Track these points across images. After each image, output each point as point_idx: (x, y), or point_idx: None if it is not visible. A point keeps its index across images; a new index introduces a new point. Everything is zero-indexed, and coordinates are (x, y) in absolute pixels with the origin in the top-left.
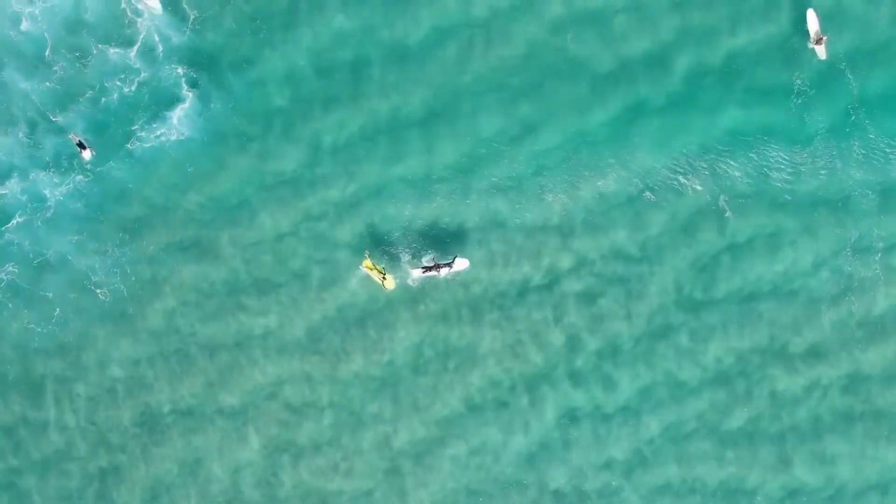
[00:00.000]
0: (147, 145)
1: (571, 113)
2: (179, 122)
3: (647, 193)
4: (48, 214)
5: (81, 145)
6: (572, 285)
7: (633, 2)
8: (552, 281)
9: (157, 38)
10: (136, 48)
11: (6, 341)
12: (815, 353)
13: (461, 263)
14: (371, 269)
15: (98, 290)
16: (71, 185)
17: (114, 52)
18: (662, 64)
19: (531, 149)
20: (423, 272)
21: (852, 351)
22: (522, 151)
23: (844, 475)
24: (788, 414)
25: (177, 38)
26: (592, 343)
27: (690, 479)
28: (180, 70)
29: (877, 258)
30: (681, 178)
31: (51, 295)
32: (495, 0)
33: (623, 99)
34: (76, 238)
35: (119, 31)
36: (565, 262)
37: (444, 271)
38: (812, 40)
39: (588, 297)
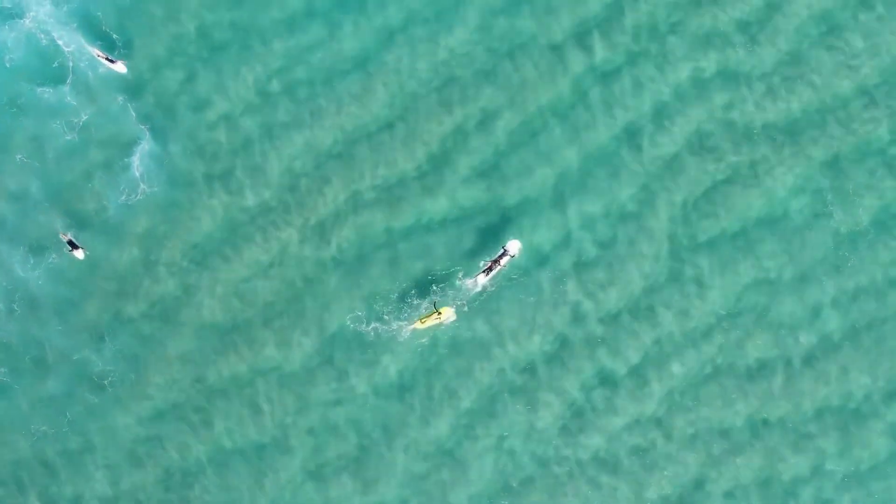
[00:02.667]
0: (114, 206)
1: None
2: (141, 174)
3: None
4: (27, 299)
5: (73, 245)
6: None
7: None
8: None
9: (89, 74)
10: (68, 83)
11: (16, 427)
12: None
13: (513, 246)
14: (426, 320)
15: (105, 381)
16: (44, 267)
17: (49, 93)
18: None
19: None
20: (486, 274)
21: None
22: None
23: None
24: None
25: (104, 69)
26: None
27: None
28: (120, 99)
29: None
30: None
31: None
32: None
33: None
34: (61, 328)
35: (51, 72)
36: None
37: (504, 260)
38: None
39: None
